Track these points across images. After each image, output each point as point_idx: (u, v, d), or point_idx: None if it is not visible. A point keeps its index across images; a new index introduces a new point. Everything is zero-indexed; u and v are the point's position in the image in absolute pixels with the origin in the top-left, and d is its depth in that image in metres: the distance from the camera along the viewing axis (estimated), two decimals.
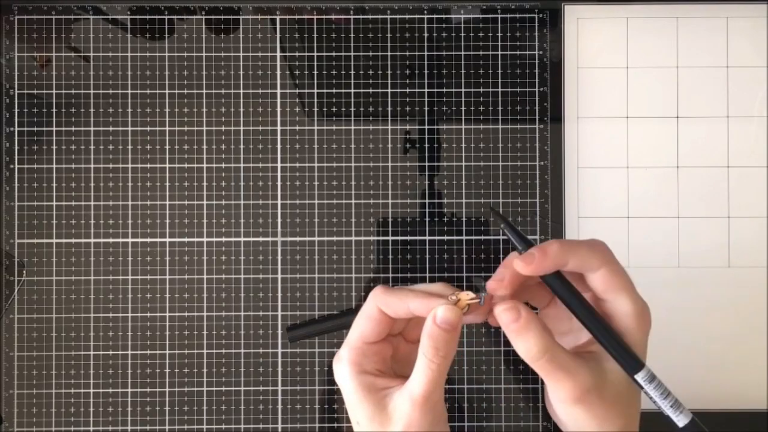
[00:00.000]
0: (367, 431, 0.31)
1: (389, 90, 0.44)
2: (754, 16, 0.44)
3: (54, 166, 0.44)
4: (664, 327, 0.43)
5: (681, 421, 0.31)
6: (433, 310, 0.31)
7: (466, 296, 0.32)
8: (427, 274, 0.44)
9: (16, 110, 0.44)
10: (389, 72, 0.44)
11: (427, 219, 0.44)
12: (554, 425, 0.44)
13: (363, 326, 0.32)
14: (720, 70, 0.44)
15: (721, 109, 0.44)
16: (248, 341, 0.44)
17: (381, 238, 0.44)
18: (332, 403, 0.44)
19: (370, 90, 0.44)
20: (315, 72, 0.44)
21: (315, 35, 0.44)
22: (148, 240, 0.44)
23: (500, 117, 0.44)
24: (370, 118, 0.44)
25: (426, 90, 0.44)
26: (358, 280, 0.44)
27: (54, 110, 0.44)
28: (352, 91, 0.44)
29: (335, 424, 0.44)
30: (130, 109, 0.44)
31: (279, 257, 0.44)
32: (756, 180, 0.44)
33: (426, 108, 0.44)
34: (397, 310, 0.32)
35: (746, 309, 0.44)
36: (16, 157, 0.44)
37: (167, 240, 0.44)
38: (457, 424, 0.44)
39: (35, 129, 0.44)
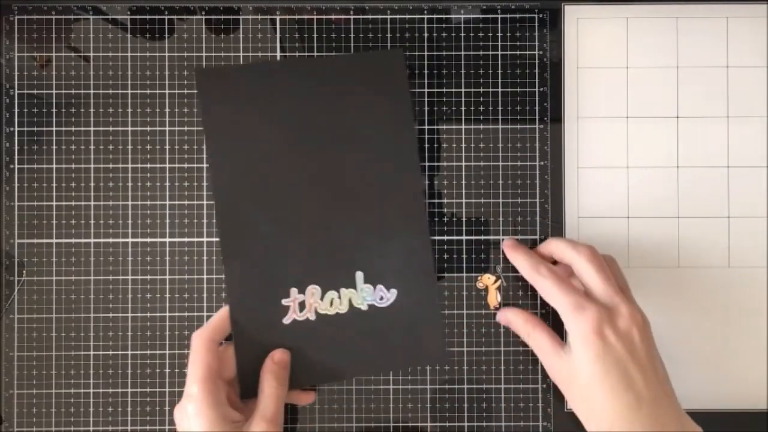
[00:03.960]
0: None
1: None
2: (754, 16, 0.44)
3: (54, 166, 0.44)
4: (664, 327, 0.43)
5: None
6: (272, 352, 0.40)
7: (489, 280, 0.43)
8: None
9: (16, 110, 0.44)
10: None
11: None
12: (554, 425, 0.44)
13: (208, 358, 0.38)
14: (720, 70, 0.44)
15: (721, 109, 0.44)
16: None
17: None
18: (332, 403, 0.44)
19: None
20: None
21: (315, 35, 0.44)
22: (148, 240, 0.44)
23: (500, 117, 0.44)
24: None
25: (426, 90, 0.44)
26: None
27: (54, 110, 0.44)
28: None
29: (335, 424, 0.44)
30: (130, 109, 0.44)
31: None
32: (756, 180, 0.44)
33: (426, 108, 0.44)
34: (223, 335, 0.40)
35: (746, 309, 0.44)
36: (16, 157, 0.44)
37: (167, 240, 0.44)
38: (457, 424, 0.44)
39: (35, 129, 0.44)
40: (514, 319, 0.41)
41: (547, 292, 0.39)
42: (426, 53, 0.44)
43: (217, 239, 0.44)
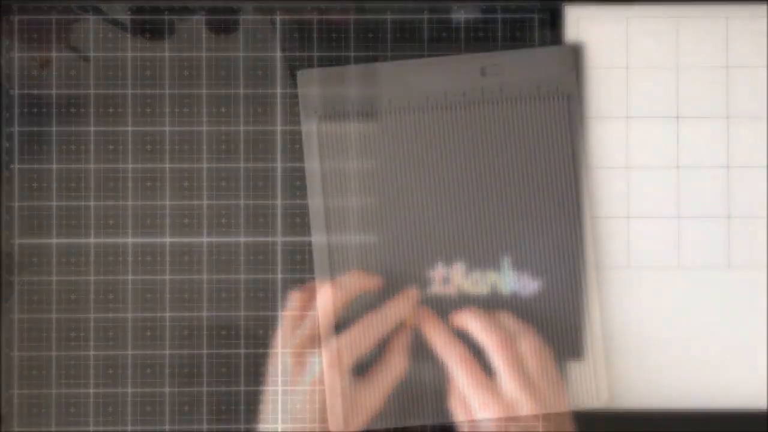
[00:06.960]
0: None
1: None
2: (754, 16, 0.44)
3: (54, 166, 0.44)
4: (664, 327, 0.43)
5: None
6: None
7: None
8: None
9: (16, 110, 0.44)
10: None
11: None
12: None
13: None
14: (720, 70, 0.44)
15: (721, 109, 0.44)
16: (248, 341, 0.44)
17: None
18: None
19: None
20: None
21: (315, 35, 0.45)
22: (148, 240, 0.44)
23: None
24: None
25: None
26: None
27: (54, 110, 0.44)
28: None
29: None
30: (130, 109, 0.44)
31: (279, 257, 0.44)
32: (756, 180, 0.44)
33: None
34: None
35: (746, 309, 0.44)
36: (16, 157, 0.44)
37: (167, 240, 0.44)
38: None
39: (35, 129, 0.44)
40: (451, 381, 0.41)
41: (457, 379, 0.39)
42: (426, 53, 0.44)
43: (218, 239, 0.44)
